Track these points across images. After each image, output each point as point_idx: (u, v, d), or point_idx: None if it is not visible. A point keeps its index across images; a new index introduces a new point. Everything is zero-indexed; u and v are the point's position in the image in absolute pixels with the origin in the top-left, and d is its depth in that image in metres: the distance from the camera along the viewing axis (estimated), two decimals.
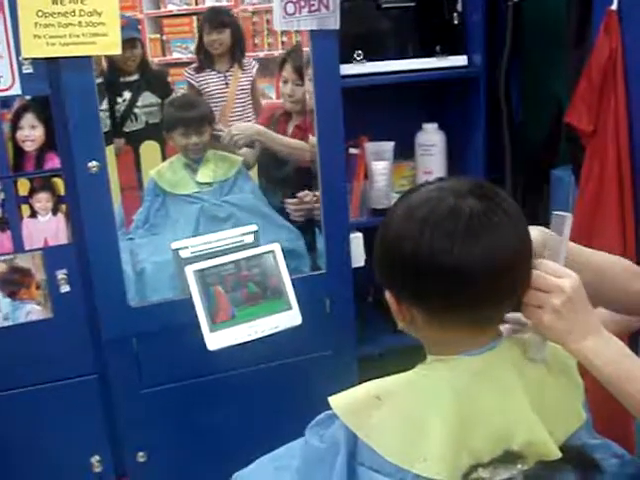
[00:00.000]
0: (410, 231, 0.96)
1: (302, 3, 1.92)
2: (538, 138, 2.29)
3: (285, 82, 2.41)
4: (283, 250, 1.93)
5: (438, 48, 2.18)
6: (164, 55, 5.33)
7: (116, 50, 1.81)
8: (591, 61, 1.84)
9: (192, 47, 4.35)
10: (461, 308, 0.98)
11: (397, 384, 1.01)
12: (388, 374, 1.05)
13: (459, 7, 2.20)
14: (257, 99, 2.94)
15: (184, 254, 1.91)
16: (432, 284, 0.96)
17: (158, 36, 5.42)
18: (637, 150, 1.81)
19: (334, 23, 1.94)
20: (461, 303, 0.97)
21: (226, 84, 3.47)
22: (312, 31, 1.94)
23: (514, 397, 0.99)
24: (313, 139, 2.03)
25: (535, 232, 1.08)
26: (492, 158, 2.29)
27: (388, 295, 1.03)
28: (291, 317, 1.85)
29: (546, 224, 1.10)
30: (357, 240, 2.08)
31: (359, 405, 0.99)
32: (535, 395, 1.01)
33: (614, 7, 1.81)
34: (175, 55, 5.39)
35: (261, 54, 3.71)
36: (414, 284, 0.98)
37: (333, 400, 1.00)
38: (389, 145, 2.21)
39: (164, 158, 2.45)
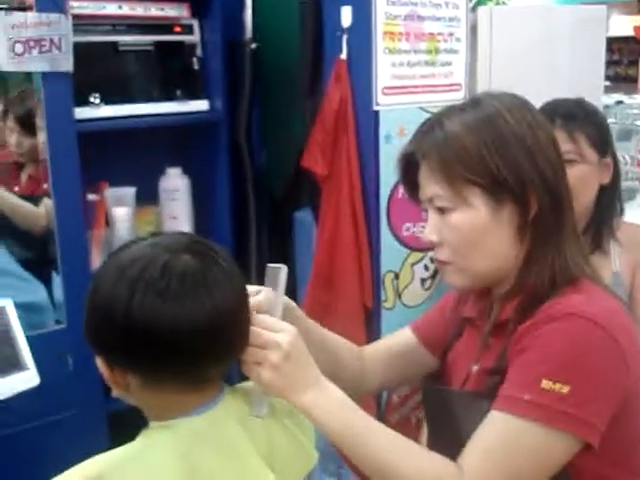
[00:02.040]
0: (120, 293, 0.91)
1: (32, 43, 1.82)
2: (281, 182, 2.34)
3: (10, 132, 2.28)
4: (22, 304, 1.80)
5: (179, 92, 2.16)
6: None
7: None
8: (324, 108, 1.91)
9: None
10: (179, 370, 0.94)
11: (119, 458, 0.95)
12: (142, 426, 1.01)
13: (198, 52, 2.20)
14: (1, 144, 2.76)
15: None
16: (145, 346, 0.91)
17: None
18: (368, 190, 1.90)
19: (67, 65, 1.86)
20: (178, 365, 0.93)
21: None
22: (44, 73, 1.85)
23: (242, 452, 0.97)
24: (44, 204, 1.92)
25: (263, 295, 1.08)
26: (238, 202, 2.31)
27: (99, 361, 0.97)
28: (27, 378, 1.72)
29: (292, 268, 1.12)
30: None
31: None
32: (264, 444, 1.00)
33: (343, 56, 1.90)
34: None
35: None
36: (127, 348, 0.93)
37: None
38: (130, 191, 2.15)
39: None
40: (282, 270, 1.07)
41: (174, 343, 0.91)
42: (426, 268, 2.01)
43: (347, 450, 1.05)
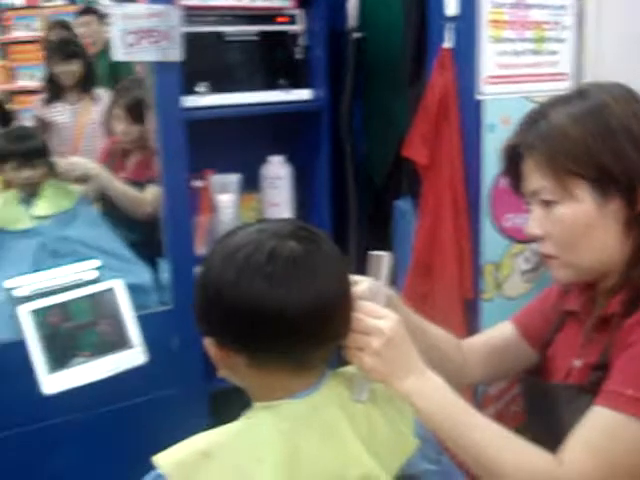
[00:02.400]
0: (228, 277, 0.94)
1: (143, 34, 1.89)
2: (382, 170, 2.34)
3: (118, 120, 2.37)
4: (130, 286, 1.87)
5: (282, 81, 2.20)
6: (9, 82, 5.12)
7: None
8: (427, 96, 1.90)
9: (40, 75, 4.22)
10: (283, 352, 0.97)
11: (223, 436, 0.98)
12: (242, 408, 1.04)
13: (303, 41, 2.23)
14: (110, 130, 2.89)
15: (20, 292, 1.82)
16: (253, 329, 0.94)
17: (3, 62, 5.21)
18: (470, 180, 1.88)
19: (177, 55, 1.92)
20: (283, 347, 0.96)
21: (76, 116, 3.38)
22: (154, 63, 1.91)
23: (342, 436, 0.98)
24: (149, 190, 1.99)
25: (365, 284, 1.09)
26: (339, 191, 2.33)
27: (208, 342, 1.01)
28: (134, 356, 1.80)
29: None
30: None
31: (187, 464, 0.94)
32: (364, 429, 1.01)
33: (447, 45, 1.88)
34: (21, 83, 5.20)
35: None
36: (235, 330, 0.96)
37: (159, 460, 0.94)
38: (234, 177, 2.20)
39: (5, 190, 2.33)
40: (385, 257, 1.08)
41: (280, 327, 0.93)
42: (527, 260, 1.98)
43: (446, 437, 1.06)
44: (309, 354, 0.99)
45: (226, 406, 1.12)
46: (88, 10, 4.64)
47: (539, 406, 1.28)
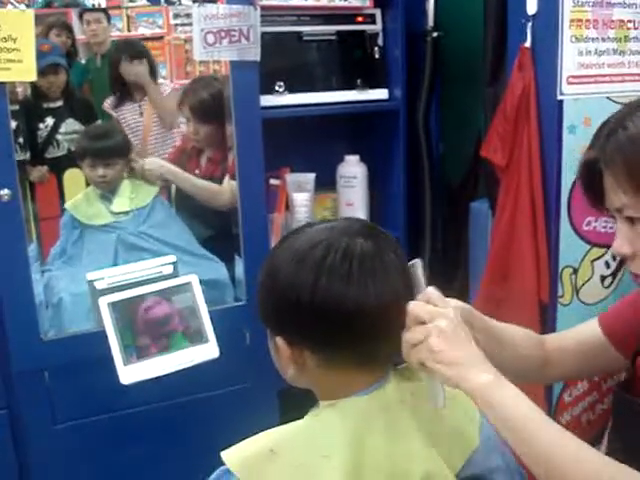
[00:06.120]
0: (304, 277, 0.94)
1: (222, 34, 1.92)
2: (458, 171, 2.32)
3: (187, 120, 2.39)
4: (204, 281, 1.90)
5: (359, 81, 2.20)
6: None
7: (31, 77, 1.77)
8: (506, 97, 1.88)
9: None
10: (356, 349, 0.97)
11: (290, 434, 0.98)
12: (310, 406, 1.04)
13: (380, 41, 2.23)
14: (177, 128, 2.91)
15: (100, 285, 1.87)
16: (331, 328, 0.95)
17: None
18: (549, 182, 1.85)
19: (254, 54, 1.94)
20: (357, 343, 0.96)
21: (141, 114, 3.43)
22: (232, 62, 1.94)
23: (407, 432, 0.98)
24: (227, 182, 2.01)
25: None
26: (413, 191, 2.32)
27: (280, 341, 1.00)
28: (208, 350, 1.82)
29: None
30: None
31: (254, 460, 0.95)
32: (428, 426, 1.00)
33: (527, 44, 1.86)
34: None
35: None
36: (310, 328, 0.96)
37: (227, 456, 0.95)
38: (310, 176, 2.22)
39: (88, 186, 2.40)
40: (417, 264, 1.05)
41: (357, 323, 0.94)
42: (607, 265, 1.93)
43: (512, 441, 0.98)
44: (380, 350, 0.99)
45: (296, 404, 1.13)
46: (100, 9, 4.59)
47: (627, 421, 1.23)
